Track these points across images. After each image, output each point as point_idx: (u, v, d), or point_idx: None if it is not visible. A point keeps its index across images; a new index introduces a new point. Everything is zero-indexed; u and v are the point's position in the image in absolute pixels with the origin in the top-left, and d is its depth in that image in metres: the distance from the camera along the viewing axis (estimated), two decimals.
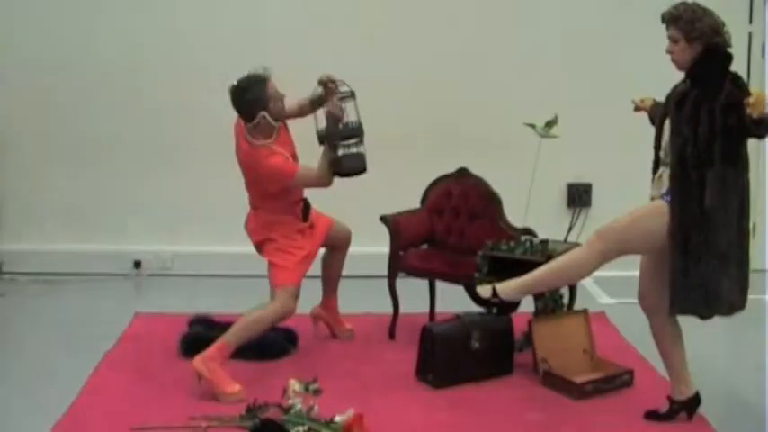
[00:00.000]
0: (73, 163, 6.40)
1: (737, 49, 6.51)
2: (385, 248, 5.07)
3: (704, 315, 3.81)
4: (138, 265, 6.43)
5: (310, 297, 5.52)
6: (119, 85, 6.34)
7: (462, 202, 5.17)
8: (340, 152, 4.46)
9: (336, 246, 4.93)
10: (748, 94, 3.57)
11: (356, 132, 4.46)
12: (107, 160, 6.43)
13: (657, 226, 3.75)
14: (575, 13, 6.39)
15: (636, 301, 4.00)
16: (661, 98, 3.96)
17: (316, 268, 6.08)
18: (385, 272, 5.04)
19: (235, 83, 4.45)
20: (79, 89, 6.34)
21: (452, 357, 4.36)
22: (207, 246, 6.37)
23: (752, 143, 3.74)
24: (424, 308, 5.13)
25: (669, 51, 3.80)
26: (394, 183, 5.80)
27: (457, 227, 5.17)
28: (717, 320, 5.66)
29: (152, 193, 6.41)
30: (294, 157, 4.62)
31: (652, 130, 3.94)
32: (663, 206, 3.76)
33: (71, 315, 5.55)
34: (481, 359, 4.43)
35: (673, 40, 3.78)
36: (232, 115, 4.58)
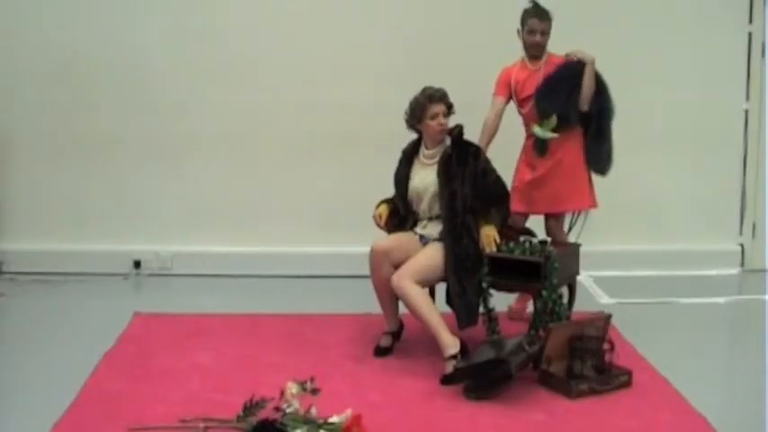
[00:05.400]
0: (73, 163, 6.40)
1: (738, 49, 6.56)
2: None
3: None
4: (138, 265, 6.42)
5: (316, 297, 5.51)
6: (119, 85, 6.34)
7: None
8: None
9: None
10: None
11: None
12: (107, 160, 6.43)
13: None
14: (574, 13, 6.38)
15: (636, 301, 4.00)
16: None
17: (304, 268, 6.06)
18: None
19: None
20: (79, 89, 6.33)
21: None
22: (207, 246, 6.36)
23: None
24: None
25: None
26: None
27: None
28: (717, 319, 5.69)
29: (152, 193, 6.41)
30: None
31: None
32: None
33: (71, 315, 5.55)
34: None
35: None
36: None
